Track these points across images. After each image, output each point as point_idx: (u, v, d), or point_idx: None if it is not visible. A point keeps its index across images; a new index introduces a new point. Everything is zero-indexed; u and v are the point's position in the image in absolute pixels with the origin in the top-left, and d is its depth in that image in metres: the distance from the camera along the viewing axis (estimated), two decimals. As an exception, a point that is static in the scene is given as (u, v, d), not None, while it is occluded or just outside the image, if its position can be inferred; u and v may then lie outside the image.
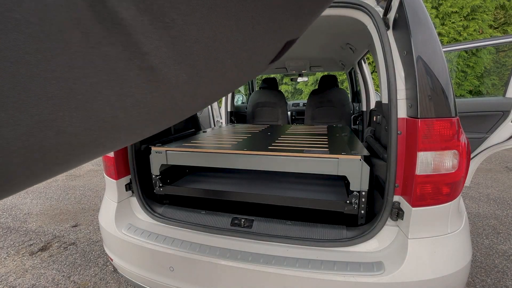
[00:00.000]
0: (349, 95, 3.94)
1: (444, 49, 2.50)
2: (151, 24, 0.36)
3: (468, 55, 6.84)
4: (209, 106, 2.75)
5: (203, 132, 2.00)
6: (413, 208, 0.95)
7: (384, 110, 1.16)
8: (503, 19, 6.93)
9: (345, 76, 4.08)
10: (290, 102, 5.18)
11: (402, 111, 0.98)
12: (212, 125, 2.80)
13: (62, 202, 3.17)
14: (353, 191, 1.17)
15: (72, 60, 0.33)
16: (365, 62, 2.89)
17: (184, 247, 1.13)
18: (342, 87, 3.98)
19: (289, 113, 4.40)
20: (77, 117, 0.35)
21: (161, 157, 1.38)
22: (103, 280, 1.81)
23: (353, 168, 1.14)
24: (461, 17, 6.73)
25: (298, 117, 4.64)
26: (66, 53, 0.32)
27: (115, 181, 1.32)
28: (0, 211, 2.93)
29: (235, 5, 0.36)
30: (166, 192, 1.45)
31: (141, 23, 0.34)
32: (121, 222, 1.31)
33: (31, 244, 2.26)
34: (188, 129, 2.01)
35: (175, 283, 1.14)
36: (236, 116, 3.27)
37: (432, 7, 6.90)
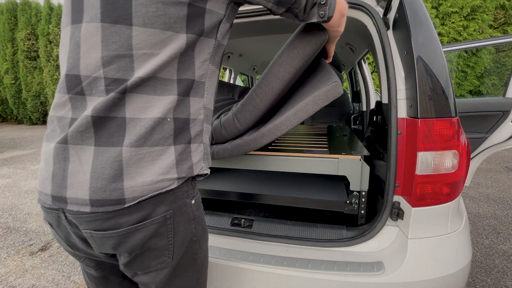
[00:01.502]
0: (349, 95, 3.94)
1: (444, 49, 2.50)
2: None
3: (468, 55, 6.83)
4: None
5: None
6: (413, 208, 0.95)
7: (384, 110, 1.16)
8: (503, 19, 6.92)
9: (345, 76, 4.08)
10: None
11: (402, 111, 0.98)
12: None
13: (62, 202, 3.16)
14: (353, 191, 1.17)
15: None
16: (365, 62, 2.88)
17: (184, 247, 1.12)
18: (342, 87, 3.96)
19: None
20: None
21: None
22: (103, 280, 1.81)
23: (353, 168, 1.14)
24: (461, 17, 6.73)
25: None
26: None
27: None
28: (0, 211, 2.93)
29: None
30: None
31: None
32: (121, 222, 1.31)
33: (31, 244, 2.26)
34: None
35: (175, 283, 1.14)
36: None
37: (432, 7, 6.90)
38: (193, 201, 0.66)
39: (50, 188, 0.58)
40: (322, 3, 0.69)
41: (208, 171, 0.68)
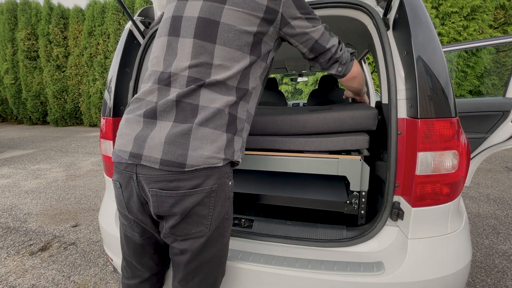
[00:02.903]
0: (349, 95, 3.93)
1: (444, 49, 2.50)
2: None
3: (468, 55, 6.82)
4: None
5: None
6: (413, 208, 0.95)
7: (384, 110, 1.16)
8: (503, 19, 6.91)
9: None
10: (290, 102, 5.18)
11: (402, 111, 0.98)
12: None
13: (62, 202, 3.17)
14: (353, 191, 1.17)
15: None
16: (365, 62, 2.88)
17: (184, 247, 1.12)
18: (342, 87, 3.97)
19: None
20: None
21: None
22: (103, 280, 1.81)
23: (353, 168, 1.14)
24: (461, 17, 6.72)
25: None
26: None
27: (115, 181, 1.32)
28: (0, 211, 2.93)
29: None
30: None
31: None
32: (121, 222, 1.31)
33: (31, 244, 2.26)
34: None
35: (175, 283, 1.14)
36: None
37: (432, 7, 6.89)
38: (230, 183, 0.81)
39: (130, 147, 0.75)
40: (343, 63, 0.93)
41: (241, 160, 0.84)
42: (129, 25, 1.35)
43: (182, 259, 0.80)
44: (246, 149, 1.30)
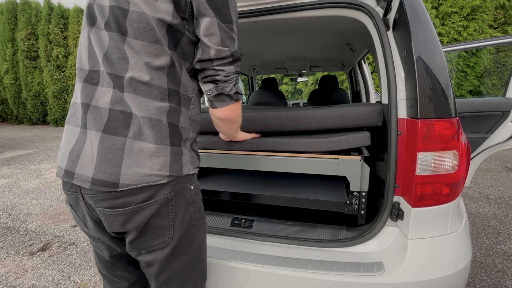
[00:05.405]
0: (349, 95, 3.94)
1: (444, 49, 2.50)
2: None
3: (468, 55, 6.82)
4: None
5: None
6: (413, 209, 0.95)
7: (384, 110, 1.16)
8: (503, 19, 6.91)
9: (345, 76, 4.07)
10: (290, 102, 5.18)
11: (402, 112, 0.98)
12: None
13: (62, 202, 3.17)
14: (353, 192, 1.17)
15: None
16: (365, 62, 2.88)
17: (184, 248, 1.12)
18: (342, 87, 3.97)
19: None
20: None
21: None
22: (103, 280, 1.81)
23: (353, 168, 1.14)
24: (461, 17, 6.72)
25: None
26: None
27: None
28: (0, 211, 2.93)
29: None
30: None
31: None
32: (121, 222, 1.31)
33: (31, 244, 2.26)
34: None
35: (175, 283, 1.14)
36: None
37: (432, 7, 6.89)
38: (192, 187, 0.73)
39: (65, 163, 0.68)
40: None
41: (195, 171, 0.76)
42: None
43: (151, 271, 0.74)
44: (246, 150, 1.30)
